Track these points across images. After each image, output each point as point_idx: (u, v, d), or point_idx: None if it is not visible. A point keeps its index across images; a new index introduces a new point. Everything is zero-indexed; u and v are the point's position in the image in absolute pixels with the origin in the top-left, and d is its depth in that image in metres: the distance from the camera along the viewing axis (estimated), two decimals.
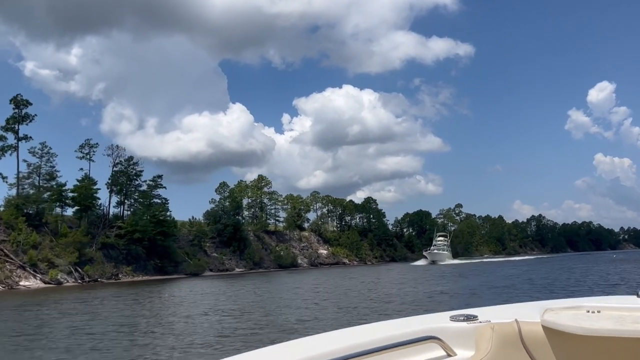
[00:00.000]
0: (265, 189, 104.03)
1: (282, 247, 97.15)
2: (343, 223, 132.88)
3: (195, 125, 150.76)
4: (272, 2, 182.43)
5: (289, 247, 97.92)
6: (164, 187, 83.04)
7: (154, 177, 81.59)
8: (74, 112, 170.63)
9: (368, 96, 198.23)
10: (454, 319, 2.27)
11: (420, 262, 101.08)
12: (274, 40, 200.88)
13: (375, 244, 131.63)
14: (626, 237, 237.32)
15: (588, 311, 2.27)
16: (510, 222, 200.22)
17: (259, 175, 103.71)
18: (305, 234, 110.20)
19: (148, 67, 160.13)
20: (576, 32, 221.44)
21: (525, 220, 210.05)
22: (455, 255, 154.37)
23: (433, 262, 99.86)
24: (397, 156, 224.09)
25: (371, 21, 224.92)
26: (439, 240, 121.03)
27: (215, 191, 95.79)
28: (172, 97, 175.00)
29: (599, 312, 2.25)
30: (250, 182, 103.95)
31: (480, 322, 2.21)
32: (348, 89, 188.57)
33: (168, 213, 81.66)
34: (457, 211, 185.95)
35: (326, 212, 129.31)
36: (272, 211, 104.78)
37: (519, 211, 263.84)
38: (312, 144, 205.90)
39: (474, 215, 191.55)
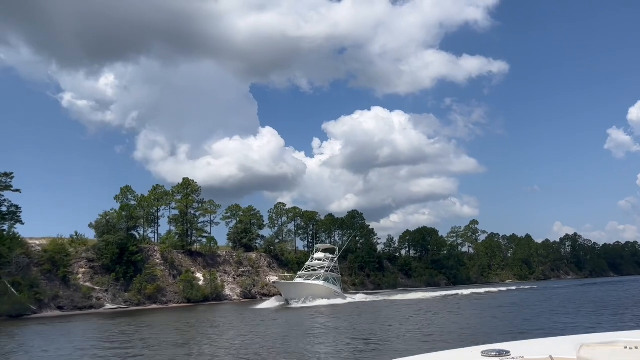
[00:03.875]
0: (194, 196, 78.39)
1: (204, 273, 71.05)
2: (317, 242, 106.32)
3: (226, 149, 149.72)
4: (297, 26, 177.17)
5: (214, 272, 71.51)
6: (18, 191, 59.68)
7: (1, 173, 58.33)
8: (109, 141, 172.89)
9: (398, 117, 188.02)
10: (485, 354, 2.16)
11: (269, 303, 55.98)
12: (301, 62, 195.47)
13: (356, 268, 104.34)
14: None
15: (626, 347, 2.11)
16: (540, 241, 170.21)
17: (184, 179, 78.46)
18: (252, 255, 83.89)
19: (179, 94, 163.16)
20: (615, 48, 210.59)
21: (558, 240, 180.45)
22: (466, 282, 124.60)
23: (287, 302, 55.48)
24: (431, 178, 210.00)
25: (399, 40, 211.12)
26: (315, 260, 67.79)
27: (115, 198, 70.91)
28: (203, 122, 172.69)
29: (637, 347, 2.10)
30: (173, 187, 78.67)
31: (513, 357, 2.11)
32: (377, 110, 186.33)
33: (17, 225, 58.02)
34: (473, 228, 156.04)
35: (294, 228, 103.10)
36: (201, 225, 78.72)
37: (559, 234, 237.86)
38: (342, 167, 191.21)
39: (498, 234, 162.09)
